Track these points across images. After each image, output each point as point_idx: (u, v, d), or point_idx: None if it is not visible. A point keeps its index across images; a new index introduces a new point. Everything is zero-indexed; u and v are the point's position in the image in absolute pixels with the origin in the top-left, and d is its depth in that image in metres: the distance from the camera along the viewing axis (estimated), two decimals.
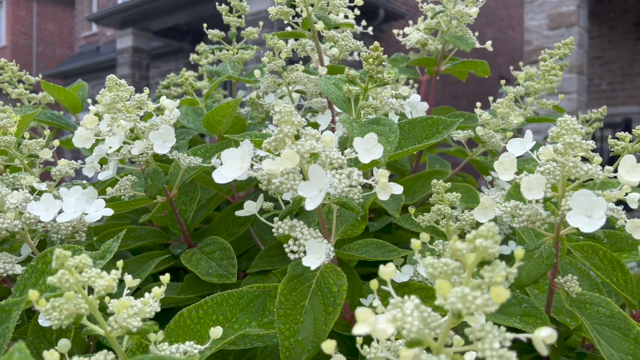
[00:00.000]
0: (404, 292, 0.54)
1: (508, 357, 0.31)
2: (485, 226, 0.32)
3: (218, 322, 0.48)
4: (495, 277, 0.31)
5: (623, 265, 0.64)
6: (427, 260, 0.33)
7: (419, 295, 0.53)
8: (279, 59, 0.79)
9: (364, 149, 0.47)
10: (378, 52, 0.54)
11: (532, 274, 0.51)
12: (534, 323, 0.52)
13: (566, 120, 0.46)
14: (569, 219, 0.43)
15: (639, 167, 0.45)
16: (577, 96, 6.01)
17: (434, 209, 0.54)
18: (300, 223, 0.48)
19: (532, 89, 0.87)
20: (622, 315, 0.52)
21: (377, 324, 0.30)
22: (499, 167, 0.49)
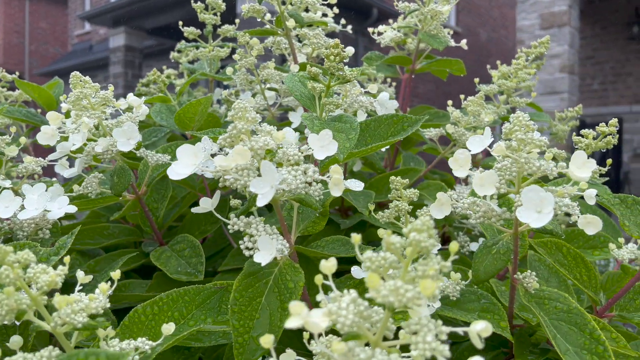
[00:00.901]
0: (363, 288, 0.54)
1: (441, 350, 0.31)
2: (420, 220, 0.32)
3: (173, 318, 0.48)
4: (428, 271, 0.31)
5: (587, 261, 0.65)
6: (366, 255, 0.34)
7: None
8: (251, 57, 0.79)
9: (320, 146, 0.47)
10: (338, 50, 0.54)
11: (489, 269, 0.52)
12: (492, 319, 0.53)
13: (518, 117, 0.46)
14: (519, 214, 0.43)
15: (589, 163, 0.46)
16: (569, 95, 6.05)
17: (392, 205, 0.54)
18: (257, 220, 0.48)
19: (504, 87, 0.87)
20: (579, 310, 0.52)
21: (309, 318, 0.30)
22: (453, 164, 0.49)
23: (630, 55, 7.00)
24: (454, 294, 0.54)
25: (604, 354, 0.49)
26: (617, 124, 0.65)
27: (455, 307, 0.54)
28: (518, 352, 0.62)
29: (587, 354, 0.49)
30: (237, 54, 0.79)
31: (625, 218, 0.63)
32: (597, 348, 0.49)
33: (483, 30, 10.30)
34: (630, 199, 0.66)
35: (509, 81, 0.87)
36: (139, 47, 8.79)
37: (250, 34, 0.81)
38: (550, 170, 0.47)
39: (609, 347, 0.49)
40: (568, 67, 6.04)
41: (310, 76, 0.56)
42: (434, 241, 0.32)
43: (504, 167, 0.49)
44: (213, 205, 0.50)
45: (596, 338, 0.50)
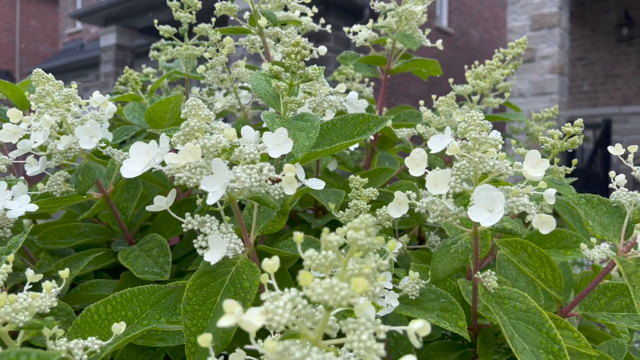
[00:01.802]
0: None
1: (375, 349, 0.31)
2: (359, 218, 0.32)
3: (127, 318, 0.48)
4: (363, 269, 0.31)
5: (552, 261, 0.65)
6: (307, 253, 0.33)
7: None
8: (222, 55, 0.78)
9: (275, 144, 0.47)
10: (299, 48, 0.54)
11: (447, 268, 0.52)
12: (450, 318, 0.53)
13: (473, 117, 0.46)
14: (471, 213, 0.43)
15: (543, 163, 0.46)
16: (559, 97, 6.08)
17: (352, 204, 0.54)
18: (212, 218, 0.48)
19: (478, 87, 0.88)
20: (537, 309, 0.52)
21: (242, 316, 0.30)
22: (410, 163, 0.49)
23: (619, 57, 7.05)
24: (413, 293, 0.54)
25: (559, 353, 0.49)
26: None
27: (415, 307, 0.54)
28: (482, 352, 0.62)
29: (543, 353, 0.50)
30: (207, 52, 0.79)
31: (589, 218, 0.63)
32: (553, 347, 0.50)
33: (475, 31, 10.34)
34: (596, 199, 0.67)
35: (483, 81, 0.87)
36: (131, 46, 8.74)
37: (222, 33, 0.81)
38: (505, 170, 0.47)
39: (564, 346, 0.49)
40: (558, 68, 6.08)
41: (272, 74, 0.56)
42: (372, 239, 0.32)
43: (462, 167, 0.49)
44: (168, 203, 0.49)
45: (552, 337, 0.50)
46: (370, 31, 0.91)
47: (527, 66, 6.16)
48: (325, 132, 0.65)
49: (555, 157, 0.71)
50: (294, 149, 0.52)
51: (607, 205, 0.66)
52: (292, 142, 0.46)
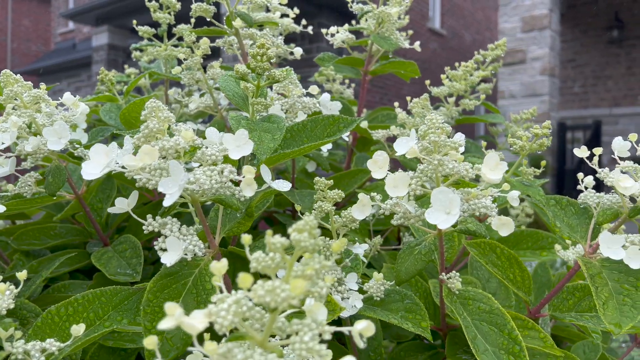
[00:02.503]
0: None
1: (317, 350, 0.31)
2: (303, 220, 0.32)
3: (89, 319, 0.48)
4: (306, 270, 0.31)
5: (521, 262, 0.66)
6: (253, 255, 0.34)
7: None
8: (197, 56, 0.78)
9: (236, 145, 0.47)
10: (264, 50, 0.54)
11: (411, 269, 0.52)
12: (414, 319, 0.53)
13: (432, 119, 0.47)
14: (428, 215, 0.44)
15: (502, 165, 0.46)
16: (549, 98, 6.12)
17: (317, 206, 0.54)
18: (173, 220, 0.48)
19: (453, 89, 0.88)
20: (500, 311, 0.53)
21: (183, 319, 0.30)
22: (372, 166, 0.49)
23: (609, 58, 7.11)
24: (378, 294, 0.54)
25: (520, 353, 0.49)
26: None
27: (380, 308, 0.55)
28: (450, 352, 0.62)
29: (504, 354, 0.50)
30: (182, 53, 0.79)
31: (557, 219, 0.64)
32: (514, 348, 0.50)
33: (468, 32, 10.39)
34: (565, 201, 0.67)
35: (458, 83, 0.87)
36: (122, 46, 8.71)
37: (197, 34, 0.81)
38: (465, 172, 0.47)
39: (524, 347, 0.50)
40: (549, 70, 6.12)
41: (239, 76, 0.56)
42: (316, 241, 0.32)
43: (424, 170, 0.49)
44: (129, 205, 0.49)
45: (514, 338, 0.51)
46: (347, 33, 0.92)
47: (518, 67, 6.20)
48: (295, 134, 0.65)
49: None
50: (259, 150, 0.52)
51: (576, 206, 0.66)
52: (253, 143, 0.46)
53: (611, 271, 0.57)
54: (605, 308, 0.52)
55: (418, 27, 9.17)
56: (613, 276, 0.57)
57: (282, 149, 0.64)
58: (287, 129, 0.65)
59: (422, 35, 9.24)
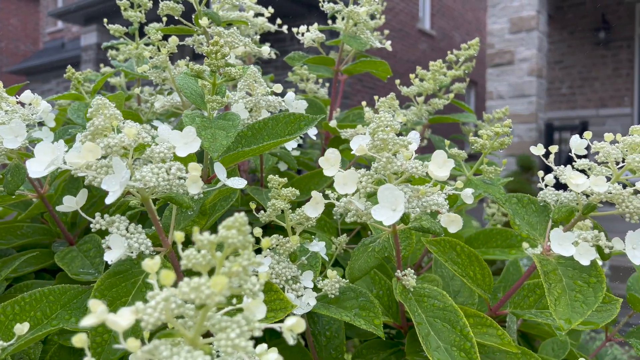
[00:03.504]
0: None
1: (243, 347, 0.31)
2: (233, 217, 0.32)
3: (36, 318, 0.47)
4: (232, 267, 0.31)
5: (481, 260, 0.66)
6: (185, 253, 0.33)
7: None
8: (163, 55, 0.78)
9: (183, 143, 0.46)
10: (218, 47, 0.54)
11: (363, 267, 0.52)
12: (367, 316, 0.53)
13: (380, 118, 0.47)
14: (374, 212, 0.44)
15: (449, 162, 0.46)
16: (537, 99, 6.17)
17: (270, 204, 0.54)
18: (122, 218, 0.48)
19: (422, 88, 0.88)
20: (453, 307, 0.53)
21: (106, 316, 0.30)
22: (324, 163, 0.49)
23: (596, 60, 7.17)
24: (333, 292, 0.54)
25: (471, 350, 0.50)
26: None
27: (335, 305, 0.55)
28: (410, 350, 0.62)
29: (456, 351, 0.50)
30: (148, 51, 0.78)
31: (516, 216, 0.64)
32: (465, 344, 0.50)
33: (457, 33, 10.44)
34: (526, 199, 0.68)
35: (427, 83, 0.88)
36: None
37: (164, 32, 0.81)
38: (415, 169, 0.47)
39: (475, 343, 0.50)
40: (536, 71, 6.16)
41: (194, 74, 0.56)
42: (245, 238, 0.32)
43: (378, 167, 0.49)
44: (78, 204, 0.49)
45: (465, 335, 0.51)
46: (317, 32, 0.92)
47: (506, 68, 6.24)
48: (257, 132, 0.65)
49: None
50: (211, 148, 0.52)
51: (536, 204, 0.67)
52: (200, 141, 0.46)
53: (566, 268, 0.58)
54: (557, 304, 0.53)
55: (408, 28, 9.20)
56: (568, 273, 0.57)
57: (243, 146, 0.64)
58: (249, 127, 0.65)
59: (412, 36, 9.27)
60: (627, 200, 0.54)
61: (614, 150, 0.56)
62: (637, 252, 0.53)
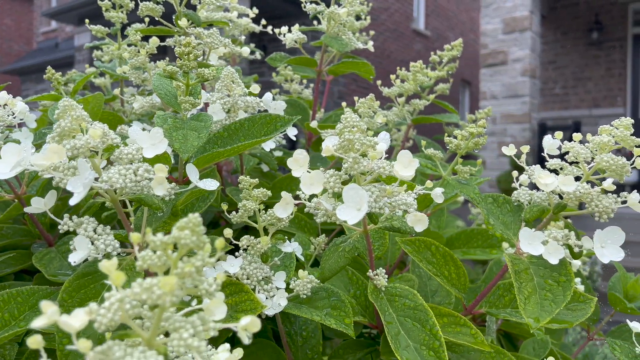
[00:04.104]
0: None
1: (195, 347, 0.31)
2: (188, 217, 0.32)
3: (3, 320, 0.47)
4: (185, 267, 0.31)
5: (456, 259, 0.66)
6: (141, 254, 0.34)
7: (230, 290, 0.53)
8: (142, 56, 0.78)
9: (151, 144, 0.47)
10: (189, 48, 0.54)
11: (334, 267, 0.52)
12: (338, 316, 0.53)
13: (347, 118, 0.47)
14: (339, 212, 0.44)
15: (415, 162, 0.47)
16: (530, 99, 6.19)
17: (240, 205, 0.54)
18: (90, 220, 0.48)
19: (403, 89, 0.89)
20: (424, 307, 0.53)
21: (57, 317, 0.30)
22: (293, 164, 0.49)
23: (589, 60, 7.21)
24: (304, 292, 0.54)
25: (439, 349, 0.50)
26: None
27: (306, 305, 0.55)
28: (385, 349, 0.63)
29: (425, 350, 0.51)
30: (127, 52, 0.78)
31: (490, 216, 0.65)
32: (434, 343, 0.51)
33: (452, 33, 10.46)
34: (502, 199, 0.68)
35: (408, 84, 0.88)
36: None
37: (143, 33, 0.81)
38: (382, 169, 0.48)
39: (444, 342, 0.50)
40: (530, 71, 6.19)
41: (167, 74, 0.56)
42: (198, 238, 0.32)
43: (347, 168, 0.49)
44: (47, 205, 0.49)
45: (434, 334, 0.51)
46: (299, 33, 0.92)
47: (499, 69, 6.26)
48: (233, 132, 0.65)
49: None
50: (182, 149, 0.52)
51: (511, 204, 0.67)
52: (167, 141, 0.46)
53: (538, 267, 0.58)
54: (527, 303, 0.53)
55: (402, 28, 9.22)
56: (539, 272, 0.58)
57: (219, 147, 0.64)
58: (225, 127, 0.65)
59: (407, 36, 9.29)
60: (596, 200, 0.55)
61: (583, 150, 0.56)
62: (605, 251, 0.53)
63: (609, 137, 0.56)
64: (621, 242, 0.53)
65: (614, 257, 0.53)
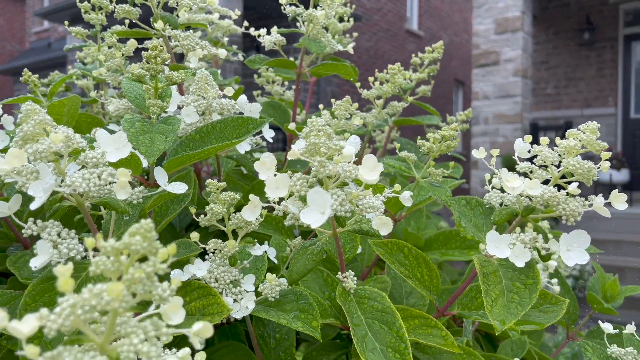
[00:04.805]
0: (185, 292, 0.54)
1: (145, 352, 0.31)
2: (140, 223, 0.32)
3: None
4: (135, 273, 0.31)
5: (428, 261, 0.67)
6: (94, 259, 0.34)
7: (197, 294, 0.53)
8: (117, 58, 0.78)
9: (115, 148, 0.47)
10: (156, 52, 0.54)
11: (301, 270, 0.53)
12: (305, 319, 0.54)
13: (313, 122, 0.47)
14: (303, 215, 0.44)
15: (379, 167, 0.47)
16: (522, 99, 6.22)
17: (208, 208, 0.54)
18: (55, 224, 0.48)
19: (381, 91, 0.89)
20: (391, 309, 0.54)
21: (5, 323, 0.30)
22: (260, 167, 0.49)
23: (581, 60, 7.25)
24: (273, 295, 0.54)
25: (405, 351, 0.50)
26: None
27: (275, 308, 0.55)
28: (355, 352, 0.63)
29: (391, 352, 0.51)
30: (103, 54, 0.78)
31: (462, 219, 0.65)
32: (400, 346, 0.51)
33: (445, 34, 10.49)
34: (474, 201, 0.68)
35: (386, 86, 0.89)
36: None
37: (119, 35, 0.81)
38: (348, 173, 0.48)
39: (409, 344, 0.51)
40: (521, 71, 6.22)
41: (135, 78, 0.56)
42: (150, 244, 0.32)
43: (315, 172, 0.49)
44: (11, 209, 0.49)
45: (400, 336, 0.52)
46: (277, 35, 0.92)
47: (491, 69, 6.29)
48: (204, 135, 0.66)
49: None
50: (148, 152, 0.52)
51: (483, 206, 0.68)
52: (131, 145, 0.46)
53: (507, 269, 0.59)
54: (494, 305, 0.54)
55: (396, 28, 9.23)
56: (508, 274, 0.58)
57: (191, 150, 0.64)
58: (197, 130, 0.65)
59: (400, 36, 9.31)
60: (563, 203, 0.55)
61: (550, 154, 0.57)
62: (571, 254, 0.54)
63: (575, 141, 0.56)
64: (587, 245, 0.54)
65: (579, 260, 0.53)
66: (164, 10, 0.88)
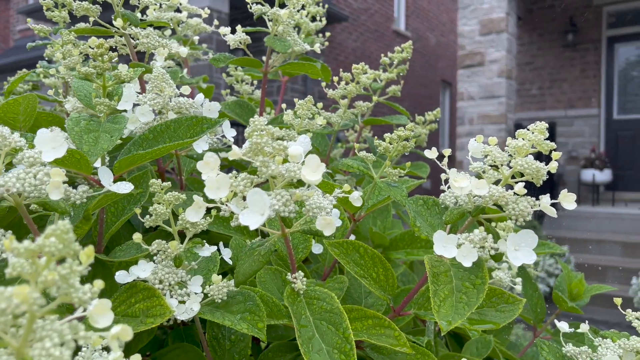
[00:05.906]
0: (131, 293, 0.53)
1: (57, 357, 0.30)
2: (57, 224, 0.32)
3: None
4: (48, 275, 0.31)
5: (384, 261, 0.67)
6: (12, 261, 0.33)
7: (142, 296, 0.53)
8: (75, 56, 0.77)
9: (51, 147, 0.46)
10: (102, 50, 0.53)
11: (248, 271, 0.52)
12: (252, 320, 0.53)
13: (255, 122, 0.47)
14: (242, 217, 0.44)
15: (322, 167, 0.47)
16: (507, 100, 6.27)
17: (152, 209, 0.53)
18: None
19: (346, 91, 0.89)
20: (339, 310, 0.54)
21: None
22: (203, 167, 0.49)
23: (565, 62, 7.33)
24: (219, 297, 0.54)
25: (350, 352, 0.50)
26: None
27: (222, 310, 0.55)
28: None
29: (337, 353, 0.51)
30: (60, 53, 0.77)
31: (418, 218, 0.65)
32: (345, 347, 0.51)
33: (432, 34, 10.55)
34: (431, 201, 0.69)
35: (351, 85, 0.88)
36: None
37: (78, 33, 0.79)
38: (291, 174, 0.48)
39: (354, 346, 0.50)
40: (506, 72, 6.27)
41: (82, 76, 0.55)
42: (66, 246, 0.31)
43: (259, 172, 0.49)
44: None
45: (346, 337, 0.51)
46: (242, 34, 0.91)
47: (476, 70, 6.34)
48: (158, 134, 0.65)
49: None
50: (91, 151, 0.51)
51: (439, 206, 0.68)
52: (67, 145, 0.45)
53: (458, 269, 0.59)
54: (441, 306, 0.54)
55: (383, 28, 9.26)
56: (459, 274, 0.58)
57: (143, 149, 0.63)
58: (150, 129, 0.65)
59: (387, 36, 9.34)
60: (512, 203, 0.55)
61: (500, 154, 0.57)
62: (518, 254, 0.54)
63: (524, 141, 0.57)
64: (534, 245, 0.54)
65: (526, 259, 0.54)
66: (127, 8, 0.87)
